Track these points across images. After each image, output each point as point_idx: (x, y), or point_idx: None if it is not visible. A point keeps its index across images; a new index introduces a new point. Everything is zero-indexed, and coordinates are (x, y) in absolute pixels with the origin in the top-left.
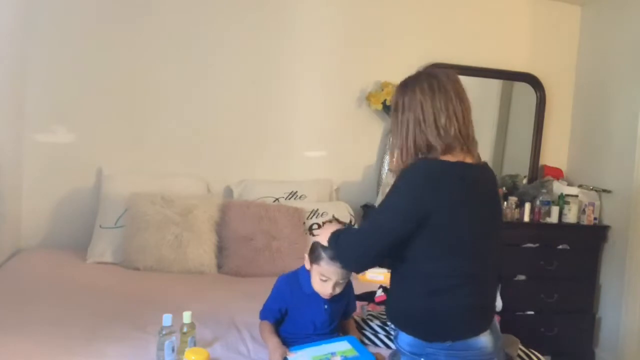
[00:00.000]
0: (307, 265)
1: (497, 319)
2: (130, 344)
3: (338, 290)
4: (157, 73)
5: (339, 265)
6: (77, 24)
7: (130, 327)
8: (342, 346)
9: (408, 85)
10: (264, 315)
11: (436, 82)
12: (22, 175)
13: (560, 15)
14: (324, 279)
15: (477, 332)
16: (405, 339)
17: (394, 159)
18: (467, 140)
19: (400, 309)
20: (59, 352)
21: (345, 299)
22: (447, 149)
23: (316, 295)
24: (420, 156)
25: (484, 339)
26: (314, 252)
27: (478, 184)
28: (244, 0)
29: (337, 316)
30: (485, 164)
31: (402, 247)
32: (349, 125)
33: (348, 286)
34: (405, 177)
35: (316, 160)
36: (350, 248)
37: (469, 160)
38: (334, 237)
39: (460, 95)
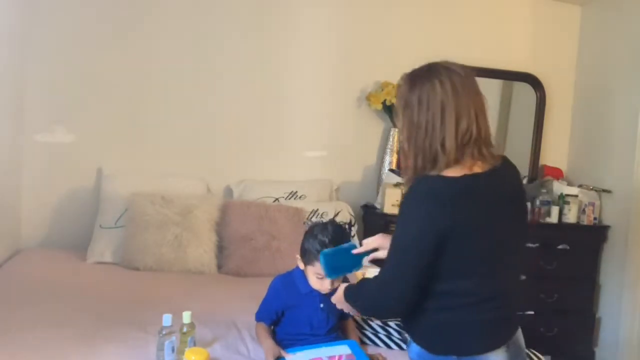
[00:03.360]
0: (301, 266)
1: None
2: (130, 344)
3: (337, 284)
4: (157, 73)
5: None
6: (77, 24)
7: (130, 327)
8: (341, 350)
9: (424, 78)
10: (259, 316)
11: (457, 77)
12: (22, 175)
13: (560, 15)
14: (320, 277)
15: (488, 348)
16: (415, 349)
17: (408, 169)
18: (484, 144)
19: (412, 321)
20: (59, 352)
21: None
22: (459, 157)
23: (312, 294)
24: (427, 165)
25: (495, 357)
26: (305, 255)
27: (490, 194)
28: (244, 1)
29: (334, 315)
30: (502, 162)
31: None
32: (349, 125)
33: None
34: (410, 204)
35: (316, 160)
36: (379, 294)
37: (477, 168)
38: (352, 293)
39: (479, 93)
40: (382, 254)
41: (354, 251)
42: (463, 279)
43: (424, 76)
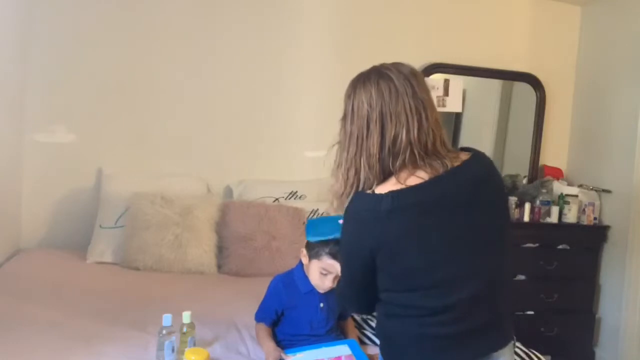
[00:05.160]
0: (305, 261)
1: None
2: (130, 344)
3: (337, 282)
4: (157, 73)
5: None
6: (77, 24)
7: (130, 327)
8: (341, 351)
9: (357, 86)
10: (259, 317)
11: (387, 82)
12: (22, 175)
13: (560, 15)
14: (325, 273)
15: None
16: (380, 357)
17: (338, 181)
18: (424, 150)
19: (376, 323)
20: (59, 352)
21: None
22: (391, 168)
23: (312, 294)
24: (360, 181)
25: None
26: (314, 248)
27: (428, 206)
28: (245, 2)
29: (334, 315)
30: (463, 162)
31: None
32: None
33: None
34: (344, 222)
35: (316, 160)
36: (342, 295)
37: (415, 179)
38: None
39: (418, 95)
40: None
41: (341, 221)
42: (403, 292)
43: (357, 84)
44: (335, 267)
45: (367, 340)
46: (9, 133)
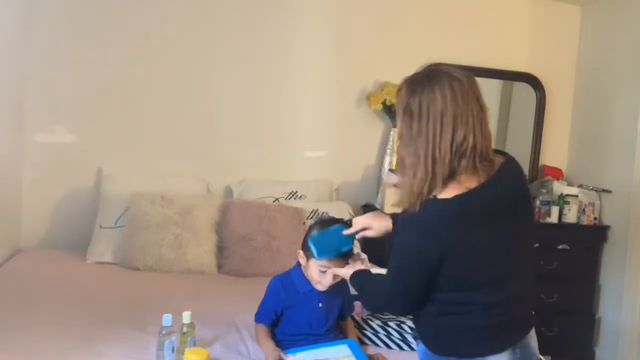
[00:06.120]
0: (303, 262)
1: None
2: (130, 344)
3: (337, 278)
4: (157, 73)
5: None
6: (77, 23)
7: (130, 327)
8: (340, 351)
9: (425, 84)
10: (259, 318)
11: (458, 84)
12: (22, 176)
13: (560, 15)
14: (324, 270)
15: (490, 351)
16: (421, 346)
17: (405, 184)
18: (480, 156)
19: (417, 320)
20: (59, 352)
21: (339, 296)
22: (455, 169)
23: (311, 294)
24: (427, 180)
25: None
26: (310, 248)
27: (485, 208)
28: (244, 1)
29: (333, 315)
30: (501, 166)
31: None
32: (349, 125)
33: (343, 285)
34: (409, 231)
35: (316, 160)
36: (384, 303)
37: (473, 182)
38: (359, 282)
39: (481, 101)
40: (371, 232)
41: (344, 232)
42: (462, 291)
43: (425, 82)
44: (331, 263)
45: (367, 340)
46: (9, 133)
